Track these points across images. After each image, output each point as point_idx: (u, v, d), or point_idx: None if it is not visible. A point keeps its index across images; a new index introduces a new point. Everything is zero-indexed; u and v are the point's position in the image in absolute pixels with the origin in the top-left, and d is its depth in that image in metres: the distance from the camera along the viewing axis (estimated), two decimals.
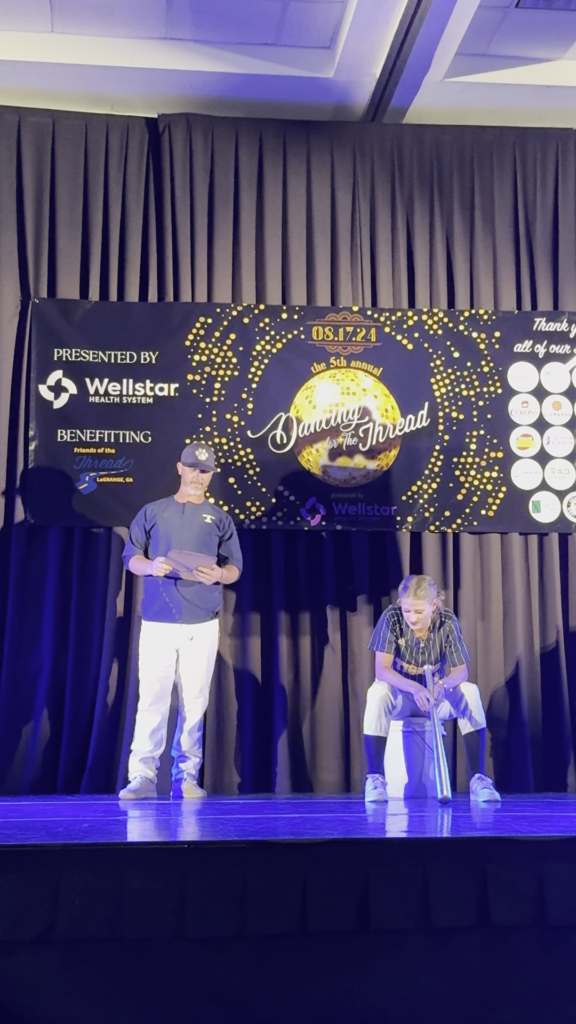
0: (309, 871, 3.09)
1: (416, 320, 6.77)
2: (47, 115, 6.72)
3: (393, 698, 5.53)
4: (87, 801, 5.52)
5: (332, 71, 6.52)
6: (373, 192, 6.93)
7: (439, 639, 5.60)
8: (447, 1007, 3.08)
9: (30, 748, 6.23)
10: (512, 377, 6.83)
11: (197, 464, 5.80)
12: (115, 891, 3.01)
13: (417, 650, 5.62)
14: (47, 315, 6.53)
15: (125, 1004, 2.98)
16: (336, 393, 6.70)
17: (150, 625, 5.72)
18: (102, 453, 6.48)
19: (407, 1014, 3.06)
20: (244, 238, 6.79)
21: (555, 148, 7.07)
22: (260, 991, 3.02)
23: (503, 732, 6.49)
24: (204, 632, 5.73)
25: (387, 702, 5.49)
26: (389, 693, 5.52)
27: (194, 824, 4.31)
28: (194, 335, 6.62)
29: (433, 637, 5.60)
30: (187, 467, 5.82)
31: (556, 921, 3.15)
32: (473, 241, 6.98)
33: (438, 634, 5.61)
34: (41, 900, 2.98)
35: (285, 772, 6.29)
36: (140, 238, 6.73)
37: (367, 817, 4.53)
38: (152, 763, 5.65)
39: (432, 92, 6.71)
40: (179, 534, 5.73)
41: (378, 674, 5.66)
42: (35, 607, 6.39)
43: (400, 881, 3.11)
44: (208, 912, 3.02)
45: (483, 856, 3.19)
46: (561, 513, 6.75)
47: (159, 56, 6.47)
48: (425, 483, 6.66)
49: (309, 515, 6.57)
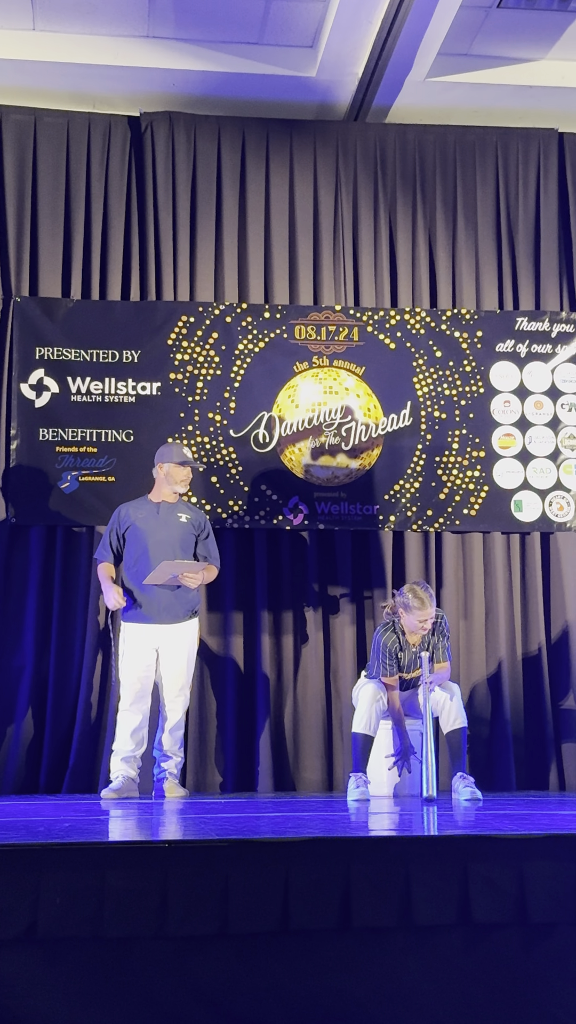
0: (291, 870, 3.09)
1: (398, 319, 6.78)
2: (29, 113, 6.70)
3: (383, 697, 5.54)
4: (69, 801, 5.50)
5: (315, 70, 6.52)
6: (356, 191, 6.94)
7: (433, 640, 5.58)
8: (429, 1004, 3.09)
9: (12, 748, 6.21)
10: (494, 376, 6.84)
11: (187, 462, 5.80)
12: (96, 890, 3.00)
13: (415, 657, 5.60)
14: (29, 314, 6.51)
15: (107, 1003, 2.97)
16: (319, 392, 6.70)
17: (129, 626, 5.72)
18: (84, 452, 6.47)
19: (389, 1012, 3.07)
20: (227, 237, 6.79)
21: (537, 148, 7.09)
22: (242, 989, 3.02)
23: (485, 731, 6.50)
24: (183, 631, 5.72)
25: (380, 702, 5.50)
26: (380, 691, 5.52)
27: (176, 823, 4.30)
28: (176, 334, 6.61)
29: (427, 639, 5.58)
30: (179, 466, 5.79)
31: (537, 918, 3.16)
32: (455, 241, 6.99)
33: (432, 637, 5.58)
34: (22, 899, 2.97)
35: (267, 771, 6.28)
36: (122, 237, 6.72)
37: (349, 816, 4.53)
38: (134, 763, 5.65)
39: (414, 92, 6.72)
40: (156, 534, 5.72)
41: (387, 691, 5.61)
42: (17, 606, 6.37)
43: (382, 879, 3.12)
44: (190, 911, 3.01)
45: (465, 854, 3.20)
46: (543, 512, 6.77)
47: (142, 54, 6.46)
48: (407, 482, 6.67)
49: (292, 514, 6.57)
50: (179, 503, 5.90)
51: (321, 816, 4.40)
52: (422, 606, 5.42)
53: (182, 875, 3.05)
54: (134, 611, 5.70)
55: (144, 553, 5.70)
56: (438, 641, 5.59)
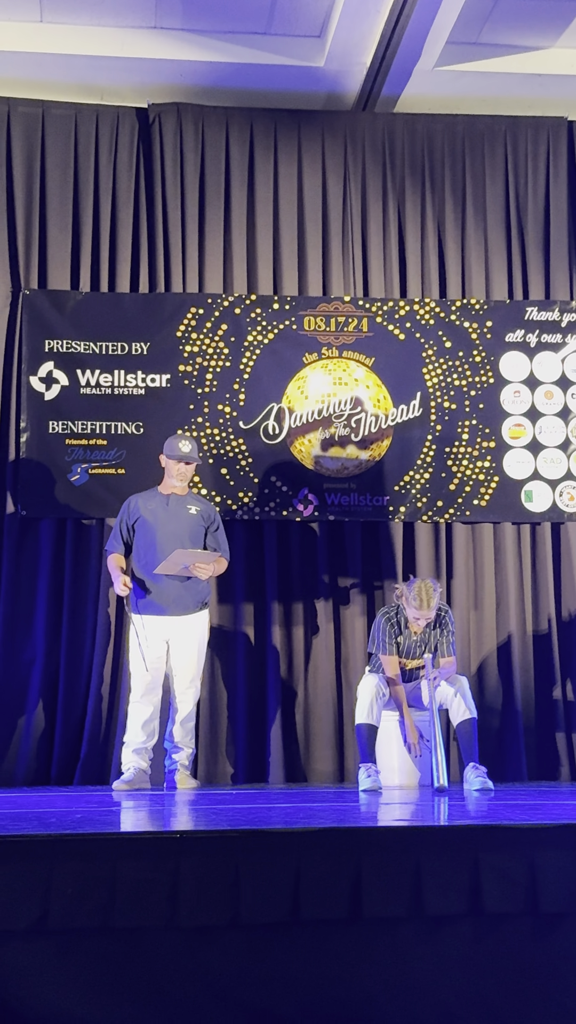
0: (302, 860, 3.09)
1: (408, 310, 6.76)
2: (37, 105, 6.69)
3: (384, 688, 5.55)
4: (80, 792, 5.52)
5: (323, 60, 6.50)
6: (364, 182, 6.92)
7: (435, 634, 5.62)
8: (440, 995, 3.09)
9: (23, 740, 6.23)
10: (504, 367, 6.82)
11: (182, 457, 5.78)
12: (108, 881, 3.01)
13: (414, 645, 5.64)
14: (38, 306, 6.51)
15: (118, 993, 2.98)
16: (328, 383, 6.69)
17: (140, 618, 5.72)
18: (94, 444, 6.47)
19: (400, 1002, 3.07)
20: (235, 228, 6.78)
21: (546, 136, 7.06)
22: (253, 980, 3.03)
23: (496, 721, 6.50)
24: (194, 623, 5.73)
25: (379, 692, 5.52)
26: (380, 684, 5.54)
27: (187, 814, 4.31)
28: (185, 326, 6.61)
29: (429, 632, 5.62)
30: (171, 460, 5.81)
31: (548, 909, 3.16)
32: (465, 230, 6.97)
33: (434, 631, 5.63)
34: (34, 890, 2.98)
35: (279, 762, 6.29)
36: (131, 228, 6.72)
37: (360, 806, 4.53)
38: (145, 754, 5.66)
39: (423, 81, 6.69)
40: (165, 526, 5.72)
41: (388, 681, 5.63)
42: (27, 599, 6.38)
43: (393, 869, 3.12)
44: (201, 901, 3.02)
45: (476, 844, 3.20)
46: (553, 503, 6.76)
47: (149, 45, 6.45)
48: (417, 473, 6.66)
49: (301, 505, 6.57)
50: (189, 495, 5.90)
51: (332, 807, 4.41)
52: (420, 607, 5.49)
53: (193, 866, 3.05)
54: (144, 603, 5.70)
55: (153, 545, 5.70)
56: (441, 636, 5.61)
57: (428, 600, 5.49)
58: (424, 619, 5.53)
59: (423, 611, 5.50)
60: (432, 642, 5.62)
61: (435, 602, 5.53)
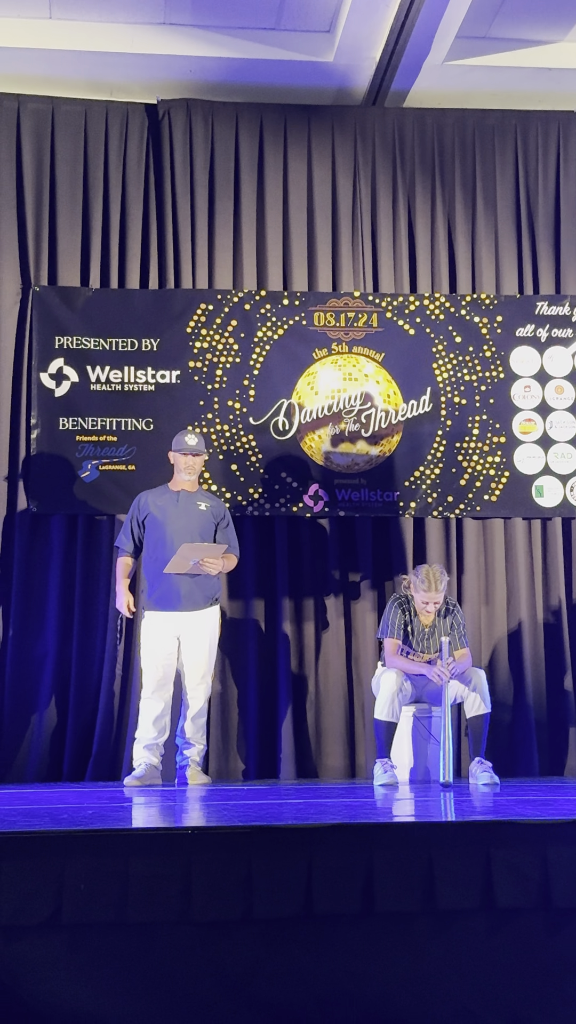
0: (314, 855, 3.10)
1: (418, 305, 6.75)
2: (46, 102, 6.70)
3: (405, 683, 5.55)
4: (92, 788, 5.53)
5: (332, 55, 6.49)
6: (374, 177, 6.91)
7: (444, 626, 5.64)
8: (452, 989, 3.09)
9: (35, 736, 6.24)
10: (514, 361, 6.81)
11: (187, 448, 5.79)
12: (120, 876, 3.02)
13: (423, 636, 5.65)
14: (48, 303, 6.52)
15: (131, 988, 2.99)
16: (338, 379, 6.69)
17: (151, 614, 5.73)
18: (104, 441, 6.48)
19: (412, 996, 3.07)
20: (245, 224, 6.78)
21: (556, 131, 7.04)
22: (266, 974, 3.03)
23: (508, 716, 6.49)
24: (204, 619, 5.73)
25: (399, 688, 5.51)
26: (401, 680, 5.53)
27: (199, 810, 4.31)
28: (195, 322, 6.61)
29: (439, 623, 5.64)
30: (177, 453, 5.81)
31: (560, 903, 3.16)
32: (475, 225, 6.95)
33: (444, 621, 5.65)
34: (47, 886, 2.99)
35: (290, 758, 6.29)
36: (140, 224, 6.72)
37: (372, 801, 4.53)
38: (156, 750, 5.66)
39: (433, 75, 6.68)
40: (175, 523, 5.73)
41: (388, 661, 5.68)
42: (39, 595, 6.40)
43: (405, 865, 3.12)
44: (213, 897, 3.03)
45: (488, 839, 3.20)
46: (564, 498, 6.74)
47: (158, 41, 6.44)
48: (428, 468, 6.65)
49: (312, 501, 6.57)
50: (199, 492, 5.91)
51: (344, 802, 4.41)
52: (428, 588, 5.53)
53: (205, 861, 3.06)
54: (155, 599, 5.71)
55: (162, 541, 5.71)
56: (452, 629, 5.62)
57: (436, 582, 5.52)
58: (432, 603, 5.55)
59: (431, 593, 5.52)
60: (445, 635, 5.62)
61: (442, 585, 5.56)
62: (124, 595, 5.76)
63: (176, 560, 5.57)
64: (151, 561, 5.75)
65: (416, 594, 5.59)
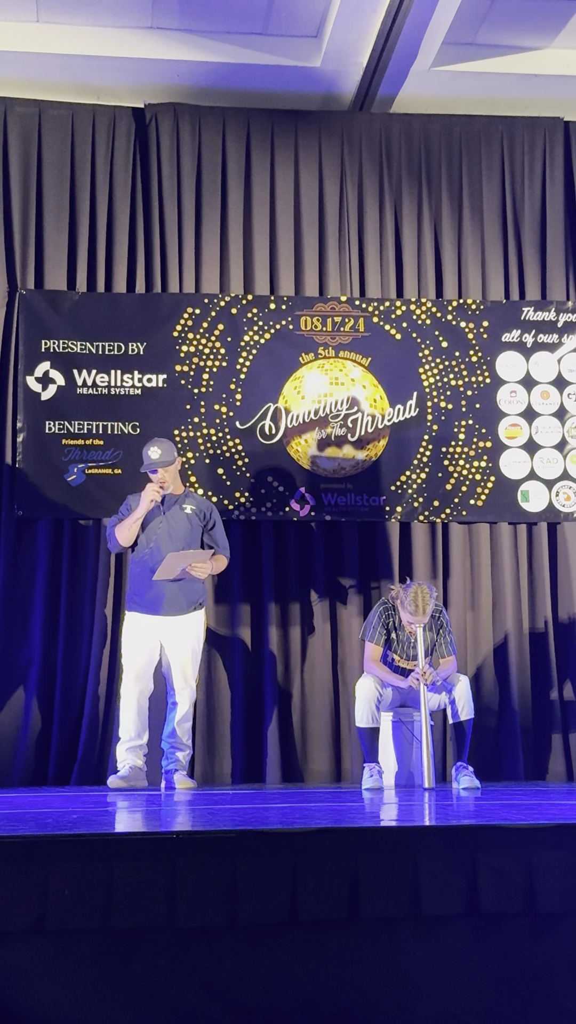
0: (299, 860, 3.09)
1: (404, 310, 6.76)
2: (33, 105, 6.69)
3: (381, 690, 5.56)
4: (77, 793, 5.52)
5: (319, 60, 6.51)
6: (361, 182, 6.92)
7: (431, 636, 5.63)
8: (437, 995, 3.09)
9: (20, 740, 6.22)
10: (500, 366, 6.83)
11: (148, 465, 5.69)
12: (105, 882, 3.00)
13: (408, 645, 5.66)
14: (34, 306, 6.51)
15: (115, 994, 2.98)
16: (325, 383, 6.69)
17: (133, 616, 5.72)
18: (90, 445, 6.47)
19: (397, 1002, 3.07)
20: (232, 228, 6.78)
21: (543, 137, 7.06)
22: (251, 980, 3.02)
23: (493, 721, 6.50)
24: (187, 624, 5.71)
25: (376, 695, 5.52)
26: (376, 687, 5.54)
27: (184, 814, 4.30)
28: (182, 326, 6.61)
29: (425, 633, 5.62)
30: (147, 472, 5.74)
31: (545, 909, 3.16)
32: (461, 231, 6.97)
33: (431, 632, 5.63)
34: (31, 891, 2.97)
35: (276, 762, 6.29)
36: (127, 229, 6.71)
37: (358, 806, 4.53)
38: (140, 751, 5.64)
39: (419, 81, 6.69)
40: (161, 526, 5.72)
41: (366, 665, 5.69)
42: (24, 599, 6.38)
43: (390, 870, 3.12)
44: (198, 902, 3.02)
45: (473, 844, 3.20)
46: (550, 502, 6.76)
47: (146, 45, 6.45)
48: (414, 473, 6.66)
49: (298, 505, 6.57)
50: (185, 494, 5.90)
51: (329, 807, 4.41)
52: (415, 612, 5.50)
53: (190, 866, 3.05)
54: (139, 601, 5.70)
55: (147, 546, 5.70)
56: (439, 636, 5.63)
57: (424, 607, 5.50)
58: (418, 624, 5.54)
59: (417, 617, 5.51)
60: (430, 644, 5.63)
61: (430, 609, 5.54)
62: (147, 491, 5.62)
63: (164, 568, 5.56)
64: (135, 564, 5.74)
65: (403, 612, 5.57)
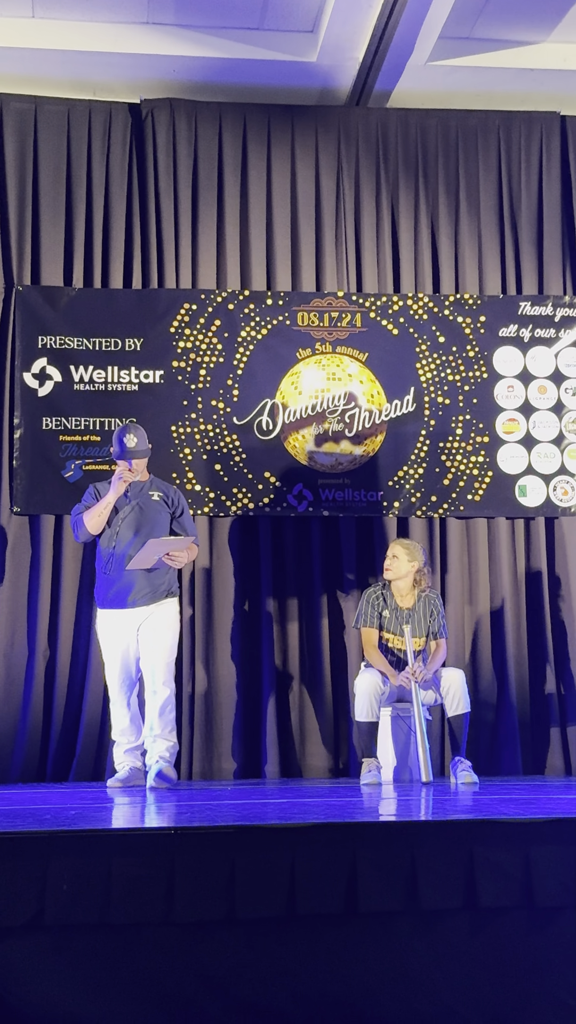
0: (297, 855, 3.10)
1: (401, 305, 6.76)
2: (29, 101, 6.68)
3: (382, 685, 5.56)
4: (76, 789, 5.51)
5: (315, 55, 6.50)
6: (358, 177, 6.92)
7: (423, 611, 5.66)
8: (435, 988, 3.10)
9: (19, 736, 6.22)
10: (497, 361, 6.83)
11: (127, 454, 5.51)
12: (103, 877, 3.01)
13: (401, 618, 5.65)
14: (31, 302, 6.51)
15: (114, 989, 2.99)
16: (322, 379, 6.69)
17: (105, 613, 5.56)
18: (88, 440, 6.47)
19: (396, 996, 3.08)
20: (228, 224, 6.77)
21: (539, 131, 7.06)
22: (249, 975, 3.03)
23: (491, 716, 6.51)
24: (161, 613, 5.52)
25: (378, 690, 5.52)
26: (378, 681, 5.54)
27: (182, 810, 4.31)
28: (179, 322, 6.60)
29: (417, 607, 5.65)
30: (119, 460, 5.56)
31: (543, 902, 3.17)
32: (458, 225, 6.97)
33: (422, 605, 5.66)
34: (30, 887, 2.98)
35: (274, 758, 6.29)
36: (124, 224, 6.70)
37: (356, 801, 4.54)
38: (137, 752, 5.56)
39: (416, 76, 6.69)
40: (127, 516, 5.54)
41: (366, 652, 5.70)
42: (22, 595, 6.37)
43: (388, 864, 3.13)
44: (196, 897, 3.03)
45: (471, 838, 3.21)
46: (547, 497, 6.76)
47: (142, 41, 6.43)
48: (411, 468, 6.66)
49: (296, 501, 6.57)
50: (151, 480, 5.70)
51: (327, 802, 4.41)
52: (390, 559, 5.75)
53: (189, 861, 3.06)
54: (108, 597, 5.55)
55: (115, 535, 5.54)
56: (431, 618, 5.65)
57: (400, 555, 5.72)
58: (389, 555, 5.75)
59: (390, 546, 5.79)
60: (422, 622, 5.65)
61: (404, 542, 5.80)
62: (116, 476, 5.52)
63: (141, 556, 5.39)
64: (104, 555, 5.56)
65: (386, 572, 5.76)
